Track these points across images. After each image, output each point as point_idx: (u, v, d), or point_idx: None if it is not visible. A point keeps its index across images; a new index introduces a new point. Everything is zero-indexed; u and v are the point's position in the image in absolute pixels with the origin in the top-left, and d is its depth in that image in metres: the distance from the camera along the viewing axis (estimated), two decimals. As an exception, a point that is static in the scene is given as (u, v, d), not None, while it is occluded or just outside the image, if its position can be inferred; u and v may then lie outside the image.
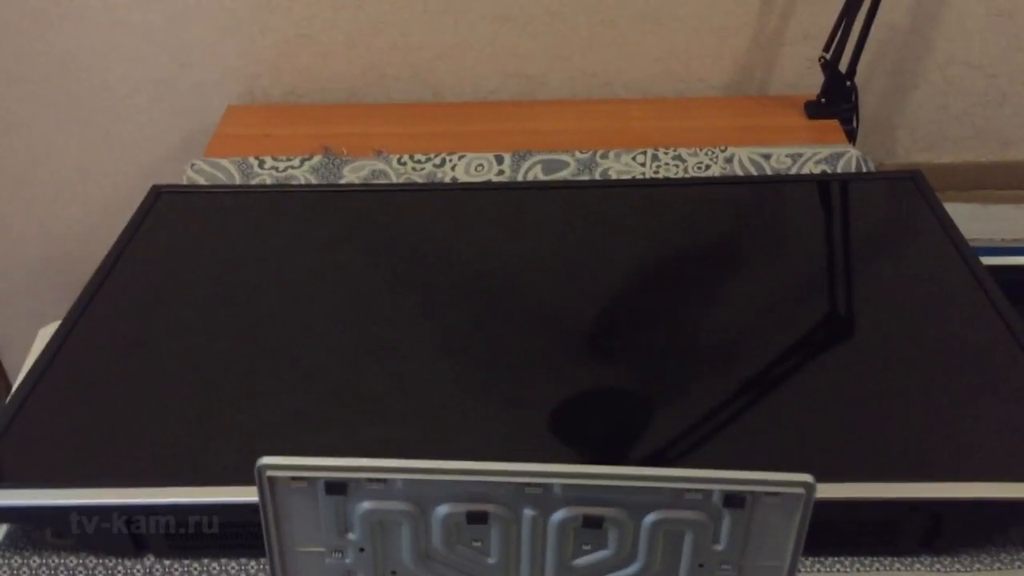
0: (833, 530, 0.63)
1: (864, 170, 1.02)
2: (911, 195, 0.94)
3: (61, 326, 0.80)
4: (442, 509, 0.57)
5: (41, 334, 1.05)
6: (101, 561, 0.66)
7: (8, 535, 0.68)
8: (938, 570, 0.64)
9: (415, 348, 0.77)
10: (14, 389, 0.75)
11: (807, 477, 0.55)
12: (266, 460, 0.56)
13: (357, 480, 0.56)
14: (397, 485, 0.56)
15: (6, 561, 0.66)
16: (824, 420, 0.69)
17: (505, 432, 0.70)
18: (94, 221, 1.34)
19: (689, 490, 0.56)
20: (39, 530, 0.68)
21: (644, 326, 0.79)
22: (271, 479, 0.56)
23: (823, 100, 1.14)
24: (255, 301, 0.83)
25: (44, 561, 0.66)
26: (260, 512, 0.57)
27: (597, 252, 0.88)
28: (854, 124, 1.13)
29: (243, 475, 0.60)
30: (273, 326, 0.80)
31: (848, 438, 0.67)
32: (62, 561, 0.66)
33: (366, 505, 0.57)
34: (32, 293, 1.42)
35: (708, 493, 0.56)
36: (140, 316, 0.81)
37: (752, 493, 0.55)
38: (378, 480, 0.56)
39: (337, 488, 0.56)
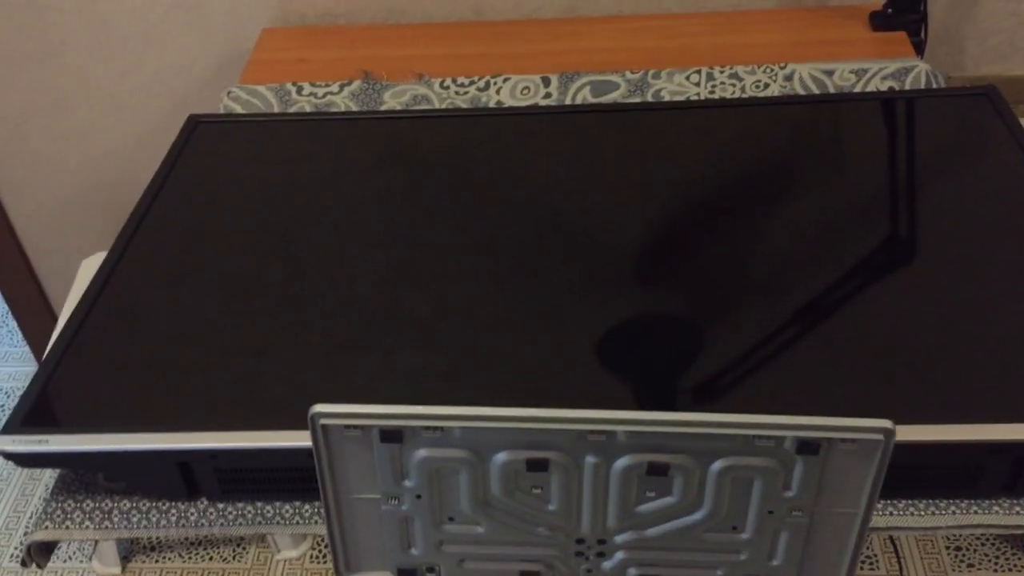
0: (908, 473, 0.61)
1: (934, 85, 0.96)
2: (986, 112, 0.88)
3: (106, 260, 0.79)
4: (501, 456, 0.55)
5: (84, 265, 1.04)
6: (155, 504, 0.66)
7: (61, 478, 0.68)
8: (1017, 513, 0.61)
9: (460, 276, 0.75)
10: (61, 327, 0.74)
11: (886, 423, 0.52)
12: (319, 408, 0.54)
13: (413, 428, 0.54)
14: (454, 433, 0.54)
15: (59, 505, 0.66)
16: (898, 357, 0.66)
17: (552, 362, 0.68)
18: (130, 151, 1.32)
19: (761, 436, 0.53)
20: (91, 474, 0.67)
21: (701, 256, 0.76)
22: (325, 427, 0.54)
23: (889, 10, 1.07)
24: (298, 231, 0.81)
25: (97, 505, 0.66)
26: (315, 460, 0.56)
27: (650, 178, 0.84)
28: (922, 36, 1.06)
29: (295, 413, 0.58)
30: (317, 255, 0.78)
31: (924, 376, 0.64)
32: (115, 504, 0.66)
33: (422, 453, 0.55)
34: (71, 224, 1.41)
35: (780, 439, 0.53)
36: (184, 249, 0.80)
37: (828, 440, 0.53)
38: (434, 428, 0.54)
39: (392, 436, 0.55)
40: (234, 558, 1.39)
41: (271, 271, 0.77)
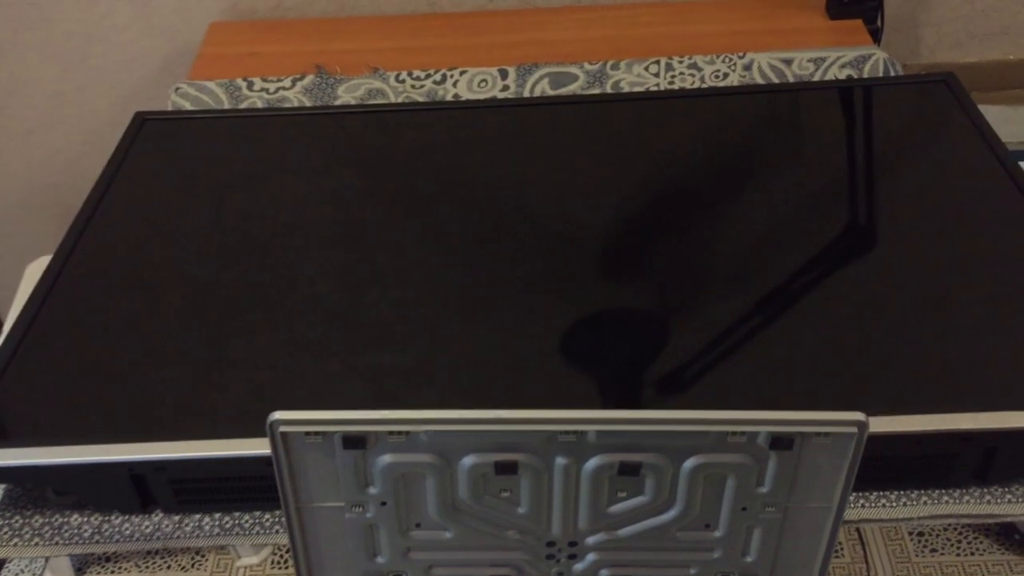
0: (879, 465, 0.60)
1: (892, 73, 0.96)
2: (945, 99, 0.88)
3: (51, 264, 0.76)
4: (468, 460, 0.53)
5: (29, 270, 1.00)
6: (107, 518, 0.63)
7: (8, 494, 0.65)
8: (988, 502, 0.61)
9: (419, 274, 0.73)
10: (5, 333, 0.71)
11: (859, 415, 0.51)
12: (278, 415, 0.52)
13: (376, 433, 0.52)
14: (420, 437, 0.52)
15: (6, 521, 0.63)
16: (866, 346, 0.65)
17: (517, 359, 0.67)
18: (75, 151, 1.28)
19: (733, 433, 0.52)
20: (40, 488, 0.64)
21: (664, 248, 0.75)
22: (284, 435, 0.52)
23: (846, -2, 1.07)
24: (251, 230, 0.78)
25: (47, 520, 0.63)
26: (274, 469, 0.54)
27: (610, 171, 0.83)
28: (879, 23, 1.06)
29: (253, 419, 0.56)
30: (271, 255, 0.75)
31: (892, 365, 0.64)
32: (66, 519, 0.63)
33: (387, 458, 0.53)
34: (14, 228, 1.36)
35: (753, 435, 0.52)
36: (132, 250, 0.77)
37: (801, 434, 0.52)
38: (399, 432, 0.52)
39: (355, 442, 0.53)
40: (193, 566, 1.36)
41: (225, 272, 0.74)
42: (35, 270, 0.82)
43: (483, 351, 0.67)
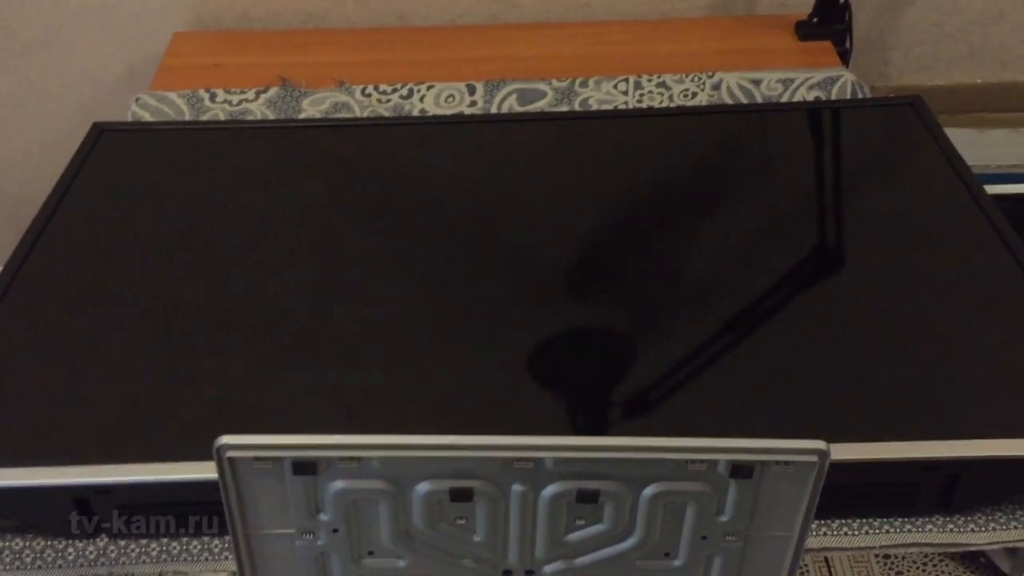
0: (841, 492, 0.59)
1: (860, 95, 0.96)
2: (911, 122, 0.88)
3: (0, 275, 0.74)
4: (423, 487, 0.52)
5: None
6: (50, 543, 0.61)
7: (-54, 518, 0.62)
8: (951, 531, 0.60)
9: (384, 291, 0.72)
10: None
11: (820, 444, 0.50)
12: (225, 440, 0.50)
13: (327, 459, 0.51)
14: (372, 463, 0.51)
15: (-56, 547, 0.60)
16: (828, 371, 0.64)
17: (480, 378, 0.66)
18: (34, 162, 1.25)
19: (693, 460, 0.51)
20: (-20, 512, 0.62)
21: (629, 269, 0.74)
22: (232, 460, 0.51)
23: (815, 20, 1.07)
24: (211, 245, 0.76)
25: (-13, 545, 0.61)
26: (221, 494, 0.52)
27: (578, 189, 0.82)
28: (848, 45, 1.06)
29: (209, 440, 0.54)
30: (231, 271, 0.74)
31: (854, 392, 0.63)
32: (6, 544, 0.61)
33: (339, 484, 0.52)
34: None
35: (713, 463, 0.51)
36: (86, 264, 0.75)
37: (761, 463, 0.51)
38: (351, 458, 0.51)
39: (306, 468, 0.51)
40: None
41: (182, 288, 0.72)
42: (-12, 279, 0.80)
43: (447, 368, 0.66)
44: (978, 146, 1.14)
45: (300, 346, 0.67)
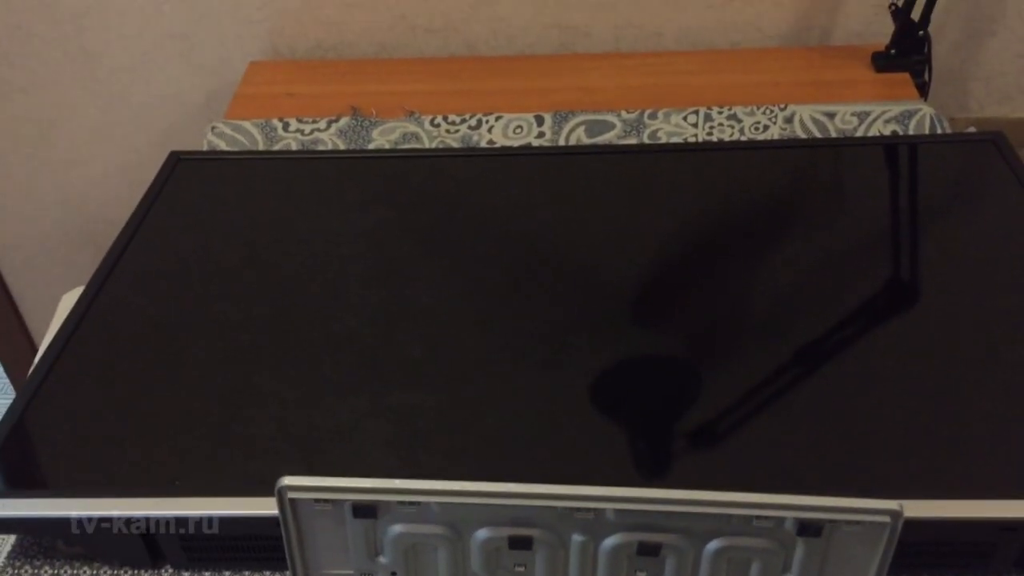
0: (914, 550, 0.57)
1: (939, 130, 0.93)
2: (992, 158, 0.85)
3: (79, 302, 0.76)
4: (482, 533, 0.52)
5: (64, 300, 1.01)
6: (116, 573, 0.62)
7: (19, 541, 0.64)
8: (1030, 593, 0.57)
9: (448, 318, 0.72)
10: (31, 370, 0.70)
11: (894, 504, 0.49)
12: (287, 480, 0.50)
13: (387, 503, 0.51)
14: (432, 508, 0.51)
15: (16, 571, 0.62)
16: (902, 420, 0.62)
17: (542, 405, 0.65)
18: (113, 185, 1.29)
19: (759, 517, 0.50)
20: (49, 538, 0.63)
21: (694, 306, 0.73)
22: (293, 501, 0.51)
23: (893, 51, 1.04)
24: (280, 272, 0.78)
25: (56, 572, 0.62)
26: (283, 534, 0.52)
27: (645, 222, 0.81)
28: (926, 78, 1.04)
29: (273, 469, 0.55)
30: (300, 298, 0.75)
31: (931, 447, 0.61)
32: (75, 572, 0.62)
33: (398, 528, 0.52)
34: (53, 258, 1.38)
35: (780, 520, 0.50)
36: (161, 291, 0.77)
37: (831, 521, 0.49)
38: (411, 503, 0.51)
39: (366, 511, 0.51)
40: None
41: (252, 314, 0.74)
42: (69, 301, 0.82)
43: (510, 396, 0.66)
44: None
45: (364, 369, 0.68)
